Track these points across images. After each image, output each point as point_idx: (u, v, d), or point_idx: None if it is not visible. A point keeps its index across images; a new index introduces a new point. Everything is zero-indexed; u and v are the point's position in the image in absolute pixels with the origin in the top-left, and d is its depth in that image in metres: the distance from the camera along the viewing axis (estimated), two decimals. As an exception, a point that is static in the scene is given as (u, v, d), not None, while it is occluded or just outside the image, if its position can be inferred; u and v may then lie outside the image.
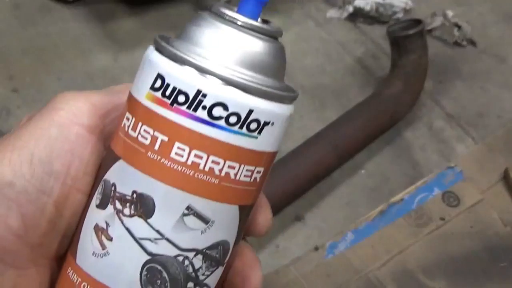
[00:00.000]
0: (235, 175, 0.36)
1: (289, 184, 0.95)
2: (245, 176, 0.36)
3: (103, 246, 0.36)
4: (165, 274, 0.35)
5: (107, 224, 0.36)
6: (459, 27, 1.20)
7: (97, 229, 0.36)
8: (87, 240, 0.37)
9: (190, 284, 0.36)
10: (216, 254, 0.37)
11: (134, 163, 0.35)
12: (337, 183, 1.00)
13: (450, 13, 1.22)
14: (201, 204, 0.35)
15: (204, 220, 0.35)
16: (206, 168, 0.35)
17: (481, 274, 0.89)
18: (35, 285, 0.38)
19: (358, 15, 1.22)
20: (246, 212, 0.38)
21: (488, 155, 1.01)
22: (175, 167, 0.35)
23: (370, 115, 1.03)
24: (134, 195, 0.35)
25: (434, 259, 0.90)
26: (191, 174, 0.35)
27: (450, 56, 1.19)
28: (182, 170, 0.35)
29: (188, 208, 0.35)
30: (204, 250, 0.36)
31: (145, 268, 0.35)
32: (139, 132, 0.35)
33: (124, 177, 0.36)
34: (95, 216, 0.37)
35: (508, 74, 1.17)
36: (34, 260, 0.38)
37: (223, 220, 0.36)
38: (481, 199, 0.95)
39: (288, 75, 1.26)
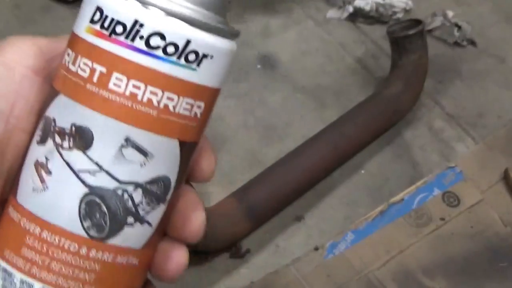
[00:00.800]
0: (174, 107, 0.36)
1: (289, 184, 0.95)
2: (184, 109, 0.36)
3: (43, 181, 0.36)
4: (104, 207, 0.35)
5: (47, 159, 0.36)
6: (459, 27, 1.20)
7: (37, 164, 0.36)
8: (28, 177, 0.37)
9: (130, 219, 0.36)
10: (156, 190, 0.37)
11: (73, 96, 0.36)
12: (337, 183, 1.00)
13: (450, 13, 1.22)
14: (140, 136, 0.35)
15: (143, 152, 0.35)
16: (144, 99, 0.35)
17: (481, 274, 0.89)
18: None
19: (358, 15, 1.22)
20: (187, 150, 0.37)
21: (488, 155, 1.01)
22: (113, 98, 0.35)
23: (370, 115, 1.03)
24: (73, 128, 0.35)
25: (434, 259, 0.90)
26: (129, 105, 0.35)
27: (450, 56, 1.19)
28: (120, 101, 0.35)
29: (126, 139, 0.35)
30: (144, 184, 0.36)
31: (83, 201, 0.35)
32: (79, 66, 0.36)
33: (63, 111, 0.36)
34: (36, 152, 0.37)
35: (508, 74, 1.17)
36: None
37: (163, 154, 0.36)
38: (481, 199, 0.95)
39: (288, 75, 1.27)
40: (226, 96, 1.08)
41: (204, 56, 0.36)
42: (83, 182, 0.35)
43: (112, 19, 0.35)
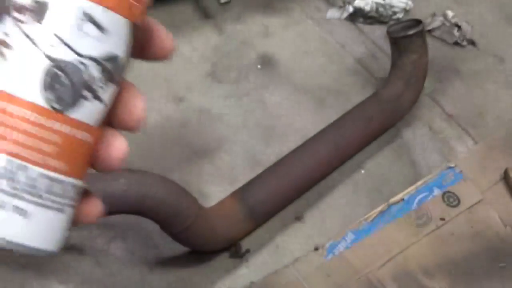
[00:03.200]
0: None
1: (289, 184, 0.95)
2: None
3: (3, 56, 0.37)
4: (63, 78, 0.37)
5: (6, 35, 0.37)
6: (459, 27, 1.20)
7: None
8: None
9: (88, 94, 0.38)
10: (110, 68, 0.38)
11: None
12: (337, 183, 1.00)
13: (450, 13, 1.22)
14: (97, 11, 0.37)
15: (100, 27, 0.37)
16: None
17: (481, 274, 0.89)
18: None
19: (358, 15, 1.22)
20: (134, 31, 0.39)
21: (488, 155, 1.01)
22: None
23: (370, 115, 1.03)
24: (34, 2, 0.37)
25: (434, 259, 0.90)
26: None
27: (450, 56, 1.19)
28: None
29: (85, 14, 0.37)
30: (100, 60, 0.38)
31: (45, 72, 0.37)
32: None
33: None
34: None
35: (508, 74, 1.17)
36: None
37: (117, 32, 0.38)
38: (481, 199, 0.96)
39: (288, 75, 1.26)
40: (226, 96, 1.08)
41: None
42: (44, 53, 0.37)
43: None
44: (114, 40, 0.38)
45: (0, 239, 0.37)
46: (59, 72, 0.37)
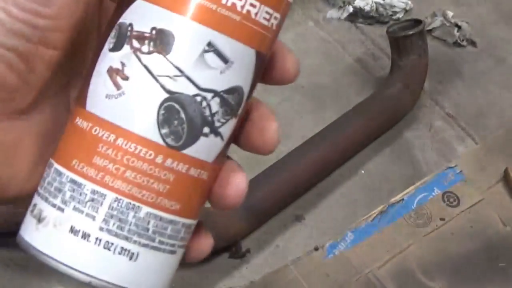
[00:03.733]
0: (256, 14, 0.35)
1: (289, 184, 0.95)
2: (264, 18, 0.36)
3: (118, 87, 0.35)
4: (182, 114, 0.34)
5: (123, 64, 0.35)
6: (459, 27, 1.20)
7: (111, 71, 0.35)
8: (100, 84, 0.35)
9: (206, 129, 0.35)
10: (232, 100, 0.36)
11: (153, 0, 0.35)
12: (337, 183, 1.00)
13: (450, 13, 1.22)
14: (222, 41, 0.35)
15: (224, 59, 0.35)
16: (229, 3, 0.34)
17: (481, 274, 0.89)
18: (10, 139, 0.37)
19: (358, 15, 1.22)
20: (261, 61, 0.37)
21: (488, 155, 1.01)
22: (197, 0, 0.34)
23: (370, 115, 1.03)
24: (154, 31, 0.34)
25: (434, 259, 0.90)
26: (213, 8, 0.34)
27: (450, 56, 1.19)
28: (205, 3, 0.34)
29: (209, 44, 0.34)
30: (221, 93, 0.35)
31: (163, 107, 0.34)
32: None
33: (142, 15, 0.35)
34: (109, 59, 0.36)
35: (508, 74, 1.17)
36: (7, 114, 0.37)
37: (241, 63, 0.36)
38: (481, 199, 0.95)
39: (288, 75, 1.24)
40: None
41: None
42: (162, 87, 0.34)
43: None
44: (238, 71, 0.36)
45: (105, 282, 0.35)
46: (177, 107, 0.34)
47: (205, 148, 0.36)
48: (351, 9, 1.21)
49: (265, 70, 0.38)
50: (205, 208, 0.40)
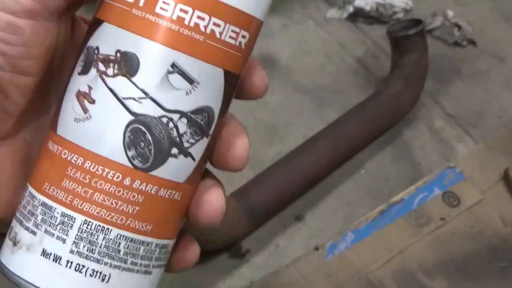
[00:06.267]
0: (220, 34, 0.35)
1: (289, 184, 0.95)
2: (230, 37, 0.35)
3: (85, 110, 0.35)
4: (148, 136, 0.35)
5: (90, 88, 0.35)
6: (459, 27, 1.20)
7: (79, 94, 0.35)
8: (69, 108, 0.36)
9: (174, 150, 0.35)
10: (200, 121, 0.36)
11: (118, 23, 0.35)
12: (337, 183, 1.00)
13: (450, 13, 1.22)
14: (186, 62, 0.34)
15: (189, 79, 0.35)
16: (191, 24, 0.34)
17: (481, 274, 0.89)
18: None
19: (358, 15, 1.22)
20: (231, 81, 0.37)
21: (488, 155, 1.01)
22: (160, 22, 0.34)
23: (370, 115, 1.03)
24: (118, 54, 0.34)
25: (434, 259, 0.90)
26: (176, 29, 0.34)
27: (450, 56, 1.19)
28: (167, 25, 0.34)
29: (173, 65, 0.34)
30: (188, 114, 0.35)
31: (128, 129, 0.34)
32: None
33: (107, 38, 0.35)
34: (77, 82, 0.36)
35: (508, 74, 1.17)
36: None
37: (208, 83, 0.35)
38: (481, 199, 0.95)
39: (288, 75, 1.26)
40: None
41: None
42: (128, 109, 0.34)
43: None
44: (206, 91, 0.35)
45: None
46: (143, 129, 0.34)
47: (175, 168, 0.36)
48: (351, 9, 1.21)
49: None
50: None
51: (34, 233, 0.35)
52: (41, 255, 0.35)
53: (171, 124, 0.35)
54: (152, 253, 0.36)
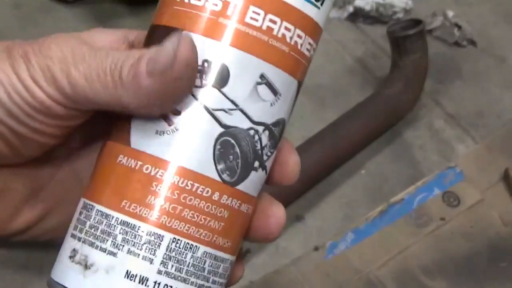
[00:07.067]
0: (301, 45, 0.35)
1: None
2: (306, 49, 0.36)
3: (170, 122, 0.33)
4: (237, 149, 0.34)
5: None
6: (459, 27, 1.20)
7: None
8: (147, 120, 0.34)
9: (256, 163, 0.34)
10: (277, 133, 0.35)
11: (203, 32, 0.33)
12: (337, 183, 1.00)
13: (450, 13, 1.22)
14: (273, 73, 0.34)
15: (274, 91, 0.34)
16: (279, 34, 0.34)
17: (482, 274, 0.89)
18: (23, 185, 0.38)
19: (358, 15, 1.22)
20: (298, 91, 0.37)
21: (488, 155, 1.01)
22: (250, 32, 0.33)
23: (370, 115, 1.03)
24: (205, 64, 0.33)
25: (434, 259, 0.90)
26: (265, 39, 0.34)
27: (450, 56, 1.19)
28: (257, 35, 0.33)
29: (261, 76, 0.34)
30: (270, 126, 0.35)
31: (219, 141, 0.33)
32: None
33: None
34: None
35: (508, 74, 1.17)
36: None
37: (286, 94, 0.35)
38: (481, 199, 0.95)
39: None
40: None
41: None
42: (218, 121, 0.33)
43: None
44: (283, 103, 0.35)
45: None
46: (233, 141, 0.33)
47: (253, 182, 0.35)
48: (351, 9, 1.21)
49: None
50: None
51: (113, 254, 0.33)
52: (124, 277, 0.33)
53: (256, 137, 0.34)
54: (227, 270, 0.35)
